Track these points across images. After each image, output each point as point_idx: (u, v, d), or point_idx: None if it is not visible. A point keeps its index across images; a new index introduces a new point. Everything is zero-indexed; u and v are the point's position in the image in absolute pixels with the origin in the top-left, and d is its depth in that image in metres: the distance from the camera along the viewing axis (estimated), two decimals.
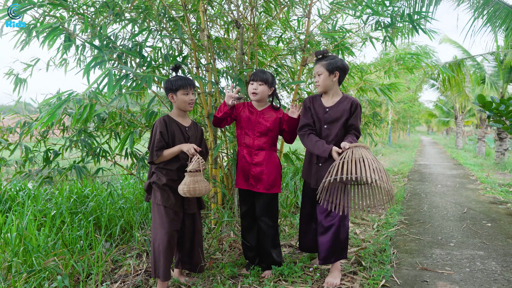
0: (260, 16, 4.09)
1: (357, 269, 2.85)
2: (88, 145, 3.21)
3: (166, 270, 2.38)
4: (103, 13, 3.29)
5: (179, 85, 2.39)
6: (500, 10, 5.82)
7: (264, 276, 2.74)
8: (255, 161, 2.69)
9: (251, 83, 2.66)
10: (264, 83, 2.63)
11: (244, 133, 2.72)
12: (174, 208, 2.42)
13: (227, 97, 2.63)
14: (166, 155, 2.39)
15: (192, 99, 2.43)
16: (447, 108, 23.33)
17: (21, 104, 3.39)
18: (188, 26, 3.40)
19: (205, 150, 2.62)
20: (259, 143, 2.69)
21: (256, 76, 2.63)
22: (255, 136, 2.69)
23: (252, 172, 2.69)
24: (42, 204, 3.87)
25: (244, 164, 2.72)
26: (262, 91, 2.64)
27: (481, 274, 2.81)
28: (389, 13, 3.53)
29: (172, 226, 2.40)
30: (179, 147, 2.39)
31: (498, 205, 5.20)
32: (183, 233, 2.58)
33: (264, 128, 2.68)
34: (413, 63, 5.42)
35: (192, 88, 2.43)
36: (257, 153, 2.69)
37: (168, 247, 2.37)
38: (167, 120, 2.45)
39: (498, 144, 10.93)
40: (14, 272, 2.56)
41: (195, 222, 2.61)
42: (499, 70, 10.68)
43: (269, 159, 2.70)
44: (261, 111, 2.72)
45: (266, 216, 2.73)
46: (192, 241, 2.62)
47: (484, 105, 3.47)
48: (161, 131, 2.38)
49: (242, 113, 2.74)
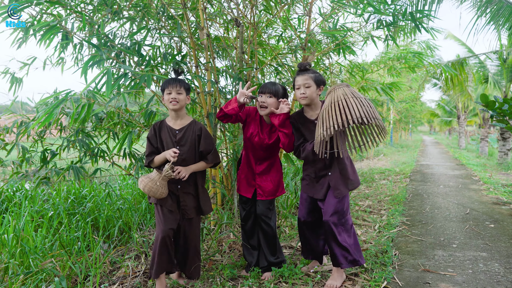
0: (260, 14, 4.06)
1: (358, 271, 2.81)
2: (86, 145, 3.19)
3: (158, 267, 2.39)
4: (101, 11, 3.26)
5: (163, 87, 2.42)
6: (504, 8, 5.77)
7: (264, 278, 2.71)
8: (259, 170, 2.68)
9: (259, 95, 2.53)
10: (274, 95, 2.49)
11: (250, 143, 2.67)
12: (168, 207, 2.44)
13: (240, 94, 2.45)
14: (157, 162, 2.46)
15: (173, 97, 2.38)
16: (450, 108, 23.25)
17: (18, 104, 3.37)
18: (187, 24, 3.37)
19: (207, 148, 2.52)
20: (264, 155, 2.68)
21: (265, 88, 2.50)
22: (262, 149, 2.66)
23: (257, 181, 2.68)
24: (39, 205, 3.85)
25: (248, 173, 2.71)
26: (270, 104, 2.49)
27: (484, 275, 2.78)
28: (391, 11, 3.50)
29: (167, 225, 2.40)
30: (163, 155, 2.44)
31: (501, 205, 5.15)
32: (179, 236, 2.57)
33: (270, 144, 2.64)
34: (415, 62, 5.38)
35: (177, 87, 2.38)
36: (262, 162, 2.69)
37: (162, 246, 2.38)
38: (158, 125, 2.50)
39: (501, 144, 10.86)
40: (11, 273, 2.54)
41: (190, 227, 2.58)
42: (503, 69, 10.60)
43: (273, 167, 2.71)
44: (269, 126, 2.64)
45: (266, 217, 2.71)
46: (186, 245, 2.59)
47: (487, 105, 3.43)
48: (148, 137, 2.48)
49: (251, 122, 2.65)
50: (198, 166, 2.51)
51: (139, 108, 3.71)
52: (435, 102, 25.10)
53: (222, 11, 3.80)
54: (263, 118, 2.64)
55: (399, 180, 7.68)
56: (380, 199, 5.59)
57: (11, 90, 3.34)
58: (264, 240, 2.75)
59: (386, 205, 5.16)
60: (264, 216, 2.70)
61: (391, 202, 5.35)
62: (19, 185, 4.65)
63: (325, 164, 2.54)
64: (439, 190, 6.48)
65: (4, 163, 3.38)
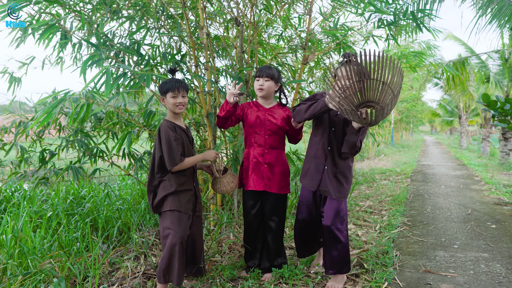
0: (260, 13, 4.04)
1: (359, 272, 2.80)
2: (85, 145, 3.17)
3: (180, 275, 2.34)
4: (100, 10, 3.25)
5: (167, 88, 2.34)
6: (505, 8, 5.74)
7: (264, 279, 2.70)
8: (268, 160, 2.65)
9: (256, 79, 2.63)
10: (270, 78, 2.59)
11: (254, 132, 2.67)
12: (188, 212, 2.40)
13: (229, 95, 2.50)
14: (187, 164, 2.36)
15: (180, 102, 2.35)
16: (451, 108, 23.19)
17: (16, 103, 3.35)
18: (187, 23, 3.36)
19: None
20: (270, 141, 2.65)
21: (261, 72, 2.59)
22: (266, 135, 2.64)
23: (266, 172, 2.65)
24: (38, 205, 3.84)
25: (258, 165, 2.67)
26: (268, 87, 2.61)
27: (485, 276, 2.76)
28: (392, 10, 3.48)
29: (185, 230, 2.38)
30: (203, 156, 2.45)
31: (503, 206, 5.13)
32: (189, 236, 2.54)
33: (274, 127, 2.64)
34: (416, 61, 5.35)
35: (182, 90, 2.35)
36: (269, 151, 2.66)
37: (182, 252, 2.34)
38: (171, 125, 2.38)
39: (503, 144, 10.83)
40: (9, 274, 2.53)
41: (200, 224, 2.60)
42: (504, 69, 10.57)
43: (280, 159, 2.69)
44: (269, 109, 2.68)
45: (276, 216, 2.70)
46: (197, 243, 2.58)
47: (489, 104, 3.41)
48: (177, 137, 2.34)
49: (249, 113, 2.69)
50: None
51: (139, 108, 3.69)
52: (437, 101, 25.04)
53: (222, 10, 3.78)
54: (259, 102, 2.71)
55: (400, 180, 7.66)
56: (381, 200, 5.56)
57: (9, 90, 3.33)
58: (271, 240, 2.72)
59: (387, 206, 5.13)
60: (273, 213, 2.69)
61: (392, 202, 5.33)
62: (18, 185, 4.64)
63: (325, 158, 2.52)
64: (440, 190, 6.46)
65: (3, 163, 3.37)
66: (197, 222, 2.56)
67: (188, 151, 2.43)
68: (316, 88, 4.83)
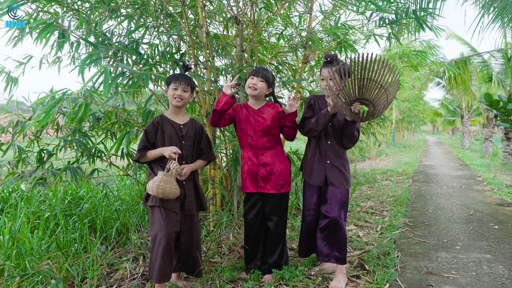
0: (260, 12, 4.02)
1: (360, 273, 2.78)
2: (83, 145, 3.15)
3: (160, 272, 2.30)
4: (98, 9, 3.22)
5: (171, 79, 2.40)
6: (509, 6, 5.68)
7: (264, 280, 2.67)
8: (263, 161, 2.62)
9: (251, 77, 2.60)
10: (265, 80, 2.58)
11: (245, 134, 2.65)
12: (172, 209, 2.36)
13: (225, 88, 2.50)
14: (150, 157, 2.41)
15: (179, 94, 2.38)
16: (453, 107, 23.13)
17: (13, 103, 3.34)
18: (186, 22, 3.33)
19: (207, 147, 2.57)
20: (263, 142, 2.63)
21: (257, 72, 2.58)
22: (257, 136, 2.62)
23: (260, 173, 2.63)
24: (35, 206, 3.82)
25: (251, 167, 2.64)
26: (260, 88, 2.58)
27: (488, 278, 2.74)
28: (393, 9, 3.45)
29: (172, 228, 2.34)
30: (161, 151, 2.38)
31: (505, 207, 5.09)
32: (180, 235, 2.50)
33: (264, 126, 2.61)
34: (417, 60, 5.32)
35: (184, 84, 2.38)
36: (263, 153, 2.64)
37: (166, 250, 2.31)
38: (159, 120, 2.43)
39: (506, 144, 10.77)
40: (6, 276, 2.51)
41: (193, 224, 2.54)
42: (507, 68, 10.50)
43: (278, 158, 2.65)
44: (258, 110, 2.66)
45: (276, 215, 2.67)
46: (189, 243, 2.54)
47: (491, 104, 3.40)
48: (146, 130, 2.41)
49: (240, 114, 2.67)
50: (197, 165, 2.55)
51: (137, 107, 3.66)
52: (438, 101, 24.94)
53: (222, 8, 3.76)
54: (249, 104, 2.69)
55: (401, 180, 7.62)
56: (382, 200, 5.53)
57: (6, 90, 3.31)
58: (272, 241, 2.70)
59: (389, 206, 5.10)
60: (273, 213, 2.66)
61: (394, 203, 5.29)
62: (15, 186, 4.61)
63: (325, 152, 2.61)
64: (442, 191, 6.42)
65: (0, 164, 3.35)
66: (187, 221, 2.52)
67: (172, 145, 2.40)
68: (316, 88, 4.79)
